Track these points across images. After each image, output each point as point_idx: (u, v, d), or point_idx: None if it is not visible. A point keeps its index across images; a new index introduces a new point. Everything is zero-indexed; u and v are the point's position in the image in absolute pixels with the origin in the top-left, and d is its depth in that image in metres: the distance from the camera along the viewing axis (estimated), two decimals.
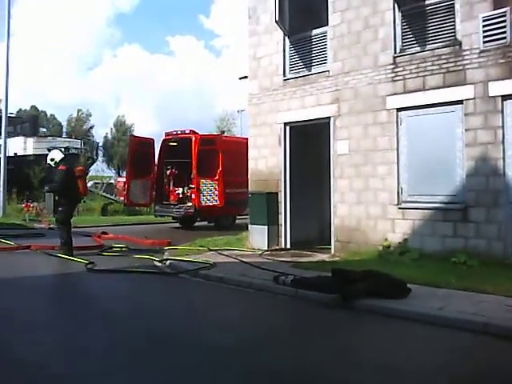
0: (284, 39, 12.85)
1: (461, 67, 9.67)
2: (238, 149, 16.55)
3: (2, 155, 22.84)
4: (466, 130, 9.60)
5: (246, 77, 15.80)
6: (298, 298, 7.68)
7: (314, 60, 12.31)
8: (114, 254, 12.13)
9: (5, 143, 23.17)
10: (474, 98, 9.50)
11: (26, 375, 4.56)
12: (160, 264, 10.78)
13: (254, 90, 13.60)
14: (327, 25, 11.93)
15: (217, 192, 18.23)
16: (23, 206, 22.55)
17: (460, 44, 9.69)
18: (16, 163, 26.01)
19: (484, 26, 9.34)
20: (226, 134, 29.79)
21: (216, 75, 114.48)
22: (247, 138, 14.27)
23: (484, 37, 9.33)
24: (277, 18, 12.52)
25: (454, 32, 9.85)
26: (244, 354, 5.22)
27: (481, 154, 9.42)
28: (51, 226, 19.20)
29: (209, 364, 4.89)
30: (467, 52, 9.59)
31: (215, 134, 26.11)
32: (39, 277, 9.40)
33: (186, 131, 19.36)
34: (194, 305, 7.56)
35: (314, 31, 12.29)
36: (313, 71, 12.25)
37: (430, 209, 10.09)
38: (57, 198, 11.70)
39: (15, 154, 28.05)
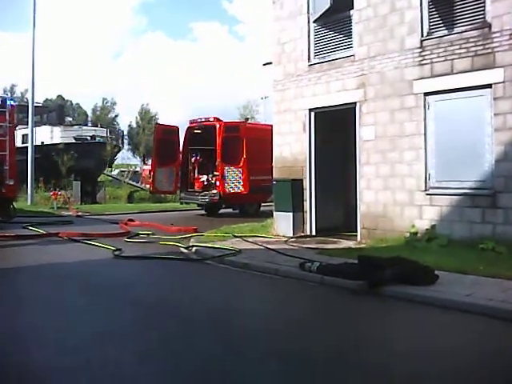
0: (308, 24, 12.70)
1: (490, 50, 9.45)
2: (263, 136, 16.50)
3: (30, 144, 23.19)
4: (495, 114, 9.40)
5: (270, 63, 15.73)
6: (324, 285, 7.67)
7: (339, 44, 12.14)
8: (141, 241, 12.27)
9: (32, 132, 23.50)
10: (503, 82, 9.27)
11: (56, 359, 4.66)
12: (186, 251, 10.87)
13: (279, 76, 13.52)
14: (352, 8, 11.75)
15: (241, 179, 18.25)
16: (51, 194, 22.89)
17: (489, 26, 9.46)
18: (43, 152, 26.36)
19: None
20: (250, 121, 29.69)
21: (240, 61, 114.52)
22: (271, 125, 14.22)
23: None
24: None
25: (483, 14, 9.60)
26: (273, 340, 5.24)
27: (510, 138, 9.21)
28: (79, 213, 19.53)
29: (239, 349, 4.93)
30: (497, 34, 9.35)
31: (239, 121, 26.06)
32: (67, 263, 9.56)
33: (210, 118, 19.41)
34: (221, 291, 7.60)
35: (339, 15, 12.10)
36: (338, 56, 12.09)
37: (457, 195, 9.93)
38: None
39: (42, 142, 28.41)
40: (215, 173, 19.20)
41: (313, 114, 12.72)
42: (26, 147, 23.33)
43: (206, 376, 4.30)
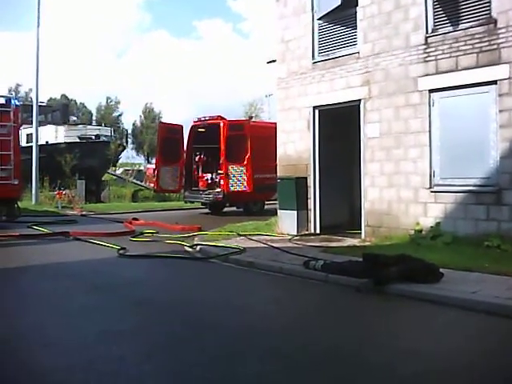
0: (312, 21, 12.66)
1: (495, 46, 9.39)
2: (267, 134, 16.46)
3: (34, 144, 23.22)
4: (500, 110, 9.34)
5: (273, 61, 15.69)
6: (329, 283, 7.65)
7: (343, 42, 12.09)
8: (146, 240, 12.27)
9: (36, 132, 23.53)
10: (508, 78, 9.21)
11: (61, 358, 4.65)
12: (191, 249, 10.86)
13: (283, 74, 13.48)
14: (357, 5, 11.70)
15: (245, 177, 18.24)
16: (55, 193, 22.93)
17: (495, 22, 9.38)
18: (47, 151, 26.38)
19: None
20: (254, 119, 29.66)
21: (245, 59, 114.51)
22: (276, 123, 14.18)
23: None
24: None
25: (488, 9, 9.53)
26: (279, 338, 5.22)
27: None
28: (83, 212, 19.56)
29: (241, 348, 4.92)
30: (503, 30, 9.28)
31: (243, 119, 26.04)
32: (71, 262, 9.58)
33: (214, 117, 19.39)
34: (226, 289, 7.58)
35: (344, 12, 12.02)
36: (342, 53, 12.03)
37: (462, 192, 9.88)
38: None
39: (46, 142, 28.44)
40: (219, 171, 19.21)
41: (317, 111, 12.68)
42: (31, 147, 23.36)
43: (206, 376, 4.26)
